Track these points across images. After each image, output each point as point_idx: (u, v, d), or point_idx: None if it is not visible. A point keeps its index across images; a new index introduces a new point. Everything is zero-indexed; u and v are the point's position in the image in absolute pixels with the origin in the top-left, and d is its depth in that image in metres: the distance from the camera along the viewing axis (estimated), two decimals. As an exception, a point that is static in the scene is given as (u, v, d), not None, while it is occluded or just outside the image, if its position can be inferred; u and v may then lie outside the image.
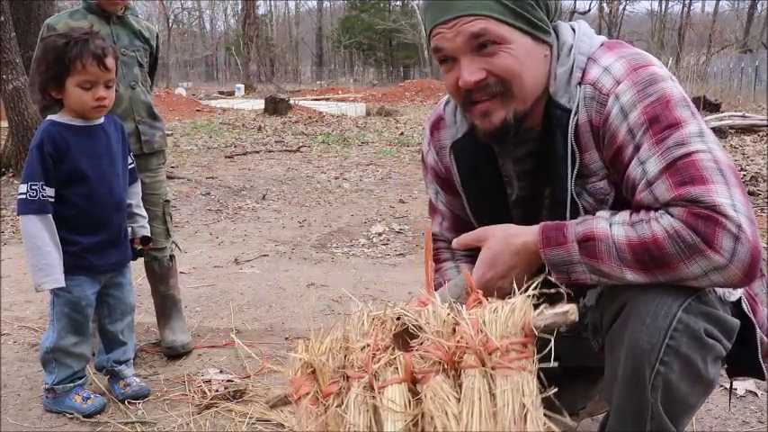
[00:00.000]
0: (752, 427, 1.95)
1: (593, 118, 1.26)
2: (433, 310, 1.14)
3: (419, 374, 1.09)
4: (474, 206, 1.47)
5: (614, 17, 33.59)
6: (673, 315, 1.15)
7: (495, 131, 1.30)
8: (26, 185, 1.96)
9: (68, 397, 2.11)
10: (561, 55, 1.31)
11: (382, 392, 1.09)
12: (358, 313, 1.21)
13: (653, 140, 1.18)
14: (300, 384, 1.19)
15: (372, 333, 1.16)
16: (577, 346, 1.45)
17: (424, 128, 1.63)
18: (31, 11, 7.18)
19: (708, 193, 1.11)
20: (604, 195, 1.29)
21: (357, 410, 1.10)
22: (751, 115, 10.58)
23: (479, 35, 1.23)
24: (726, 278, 1.12)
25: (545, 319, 1.04)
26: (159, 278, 2.63)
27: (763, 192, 5.49)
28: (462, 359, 1.07)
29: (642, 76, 1.22)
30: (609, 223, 1.18)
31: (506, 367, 1.02)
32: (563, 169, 1.29)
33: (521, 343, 1.04)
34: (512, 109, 1.28)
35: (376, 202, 5.76)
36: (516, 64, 1.25)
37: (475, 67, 1.25)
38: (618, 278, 1.18)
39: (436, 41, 1.28)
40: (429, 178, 1.61)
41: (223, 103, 19.37)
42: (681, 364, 1.16)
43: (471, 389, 1.03)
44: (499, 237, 1.27)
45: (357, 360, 1.15)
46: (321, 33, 52.94)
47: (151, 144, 2.49)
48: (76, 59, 1.94)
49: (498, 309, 1.08)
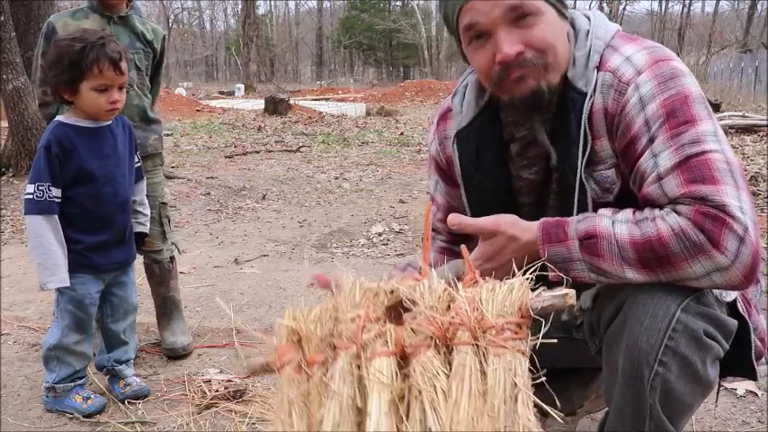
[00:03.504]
0: (752, 427, 1.95)
1: (609, 105, 1.25)
2: (429, 284, 1.10)
3: (409, 348, 1.05)
4: (472, 196, 1.46)
5: (614, 17, 33.60)
6: (672, 315, 1.15)
7: (529, 95, 1.27)
8: (33, 186, 1.98)
9: (68, 396, 2.11)
10: (578, 39, 1.31)
11: (370, 364, 1.05)
12: (349, 285, 1.16)
13: (668, 134, 1.18)
14: (285, 352, 1.14)
15: (364, 305, 1.12)
16: (571, 348, 1.45)
17: (430, 126, 1.62)
18: (31, 11, 7.18)
19: (718, 193, 1.11)
20: (610, 185, 1.28)
21: (342, 380, 1.05)
22: (751, 115, 10.57)
23: (517, 6, 1.22)
24: (726, 279, 1.12)
25: (543, 301, 1.02)
26: (159, 280, 2.63)
27: (763, 192, 5.49)
28: (455, 336, 1.03)
29: (664, 70, 1.22)
30: (612, 221, 1.18)
31: (500, 346, 0.99)
32: (574, 152, 1.28)
33: (516, 323, 1.01)
34: (546, 79, 1.27)
35: (376, 203, 5.76)
36: (551, 35, 1.25)
37: (513, 39, 1.23)
38: (618, 277, 1.17)
39: (471, 16, 1.25)
40: (431, 169, 1.61)
41: (223, 103, 19.38)
42: (679, 365, 1.16)
43: (462, 365, 1.00)
44: (504, 235, 1.24)
45: (346, 330, 1.10)
46: (321, 33, 52.93)
47: (144, 148, 2.47)
48: (93, 64, 1.96)
49: (496, 288, 1.06)
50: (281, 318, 1.17)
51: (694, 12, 39.86)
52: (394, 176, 7.11)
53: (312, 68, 52.90)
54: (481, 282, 1.09)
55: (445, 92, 21.28)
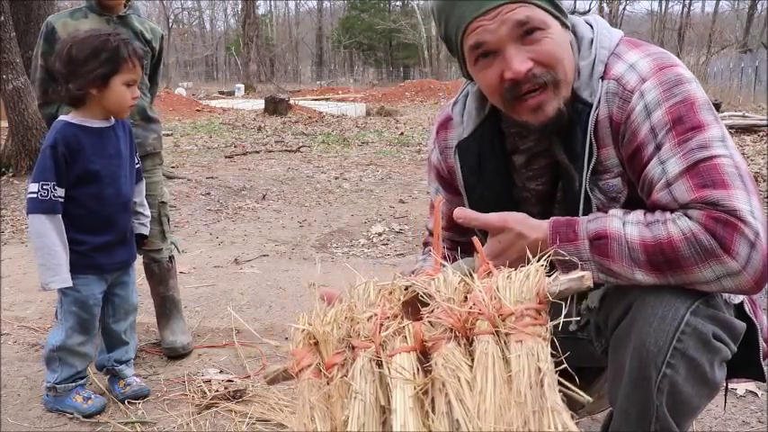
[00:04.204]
0: (752, 427, 1.95)
1: (614, 114, 1.24)
2: (444, 278, 1.09)
3: (429, 342, 1.04)
4: (475, 206, 1.46)
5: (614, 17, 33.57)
6: (680, 317, 1.15)
7: (549, 123, 1.26)
8: (38, 185, 1.97)
9: (69, 396, 2.11)
10: (582, 49, 1.29)
11: (390, 361, 1.04)
12: (363, 284, 1.15)
13: (675, 141, 1.17)
14: (302, 356, 1.13)
15: (379, 303, 1.11)
16: (574, 348, 1.45)
17: (430, 126, 1.62)
18: (31, 11, 7.18)
19: (728, 198, 1.11)
20: (617, 193, 1.28)
21: (363, 379, 1.04)
22: (751, 115, 10.57)
23: (524, 22, 1.20)
24: (737, 284, 1.11)
25: (560, 285, 1.01)
26: (159, 280, 2.63)
27: (763, 192, 5.50)
28: (475, 326, 1.02)
29: (668, 76, 1.21)
30: (622, 222, 1.17)
31: (521, 332, 0.98)
32: (579, 163, 1.27)
33: (535, 309, 1.00)
34: (561, 97, 1.25)
35: (376, 203, 5.76)
36: (558, 49, 1.24)
37: (523, 56, 1.21)
38: (627, 278, 1.17)
39: (477, 35, 1.22)
40: (431, 176, 1.61)
41: (223, 103, 19.38)
42: (687, 367, 1.15)
43: (485, 354, 0.98)
44: (513, 232, 1.24)
45: (363, 330, 1.09)
46: (321, 33, 52.94)
47: (144, 147, 2.47)
48: (128, 59, 2.01)
49: (512, 275, 1.05)
50: (295, 323, 1.16)
51: (694, 12, 39.89)
52: (394, 176, 7.11)
53: (312, 68, 52.90)
54: (495, 272, 1.08)
55: (445, 92, 21.29)
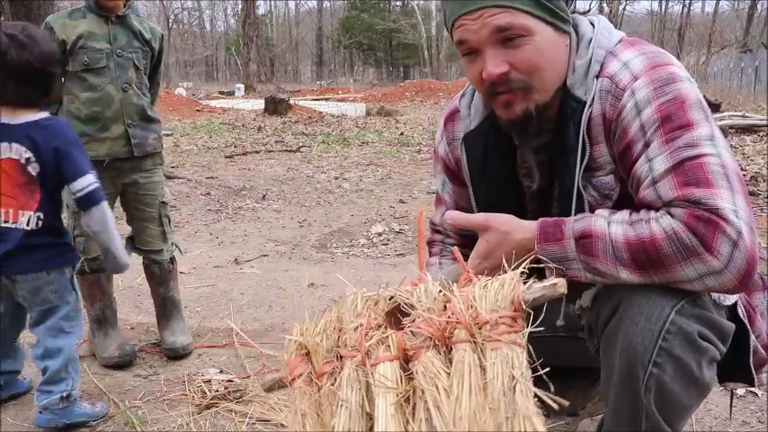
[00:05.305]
0: (752, 427, 1.95)
1: (607, 111, 1.26)
2: (425, 288, 1.14)
3: (411, 351, 1.09)
4: (480, 198, 1.47)
5: (614, 17, 33.57)
6: (665, 317, 1.15)
7: (516, 121, 1.30)
8: (92, 174, 1.92)
9: (76, 405, 1.99)
10: (580, 47, 1.31)
11: (374, 369, 1.09)
12: (351, 296, 1.21)
13: (663, 139, 1.18)
14: (295, 366, 1.19)
15: (365, 314, 1.17)
16: (575, 347, 1.45)
17: (434, 122, 1.64)
18: (31, 11, 7.18)
19: (711, 197, 1.11)
20: (609, 191, 1.29)
21: (350, 387, 1.10)
22: (751, 115, 10.57)
23: (504, 28, 1.22)
24: (720, 283, 1.11)
25: (534, 293, 1.05)
26: (159, 281, 2.63)
27: (763, 192, 5.49)
28: (453, 334, 1.07)
29: (660, 75, 1.22)
30: (607, 221, 1.18)
31: (496, 340, 1.02)
32: (572, 161, 1.29)
33: (510, 317, 1.04)
34: (533, 101, 1.28)
35: (376, 203, 5.76)
36: (539, 57, 1.25)
37: (499, 60, 1.24)
38: (613, 277, 1.18)
39: (460, 33, 1.27)
40: (438, 168, 1.61)
41: (223, 103, 19.37)
42: (674, 366, 1.16)
43: (462, 362, 1.03)
44: (499, 231, 1.27)
45: (350, 339, 1.15)
46: (321, 33, 52.93)
47: (143, 147, 2.47)
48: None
49: (488, 284, 1.09)
50: (289, 335, 1.22)
51: (694, 12, 39.85)
52: (394, 176, 7.11)
53: (312, 68, 52.90)
54: (475, 280, 1.13)
55: (445, 92, 21.29)
